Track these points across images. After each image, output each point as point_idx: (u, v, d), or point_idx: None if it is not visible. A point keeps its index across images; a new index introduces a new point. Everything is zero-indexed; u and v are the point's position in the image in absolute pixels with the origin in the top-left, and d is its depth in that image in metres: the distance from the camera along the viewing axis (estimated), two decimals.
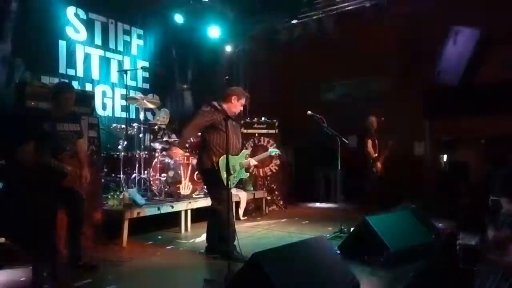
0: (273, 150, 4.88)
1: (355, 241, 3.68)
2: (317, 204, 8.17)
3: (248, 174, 4.30)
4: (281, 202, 7.50)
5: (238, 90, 4.19)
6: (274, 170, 7.47)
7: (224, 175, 3.68)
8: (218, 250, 3.82)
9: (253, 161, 4.24)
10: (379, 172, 6.60)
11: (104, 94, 6.36)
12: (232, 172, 3.84)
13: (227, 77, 7.00)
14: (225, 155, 3.49)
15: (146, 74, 7.05)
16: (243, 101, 4.07)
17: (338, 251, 3.61)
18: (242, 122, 7.50)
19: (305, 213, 6.99)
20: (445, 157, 8.29)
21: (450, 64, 7.53)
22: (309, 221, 6.10)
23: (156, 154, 5.61)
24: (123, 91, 6.21)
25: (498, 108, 6.92)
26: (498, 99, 6.98)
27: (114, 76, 6.49)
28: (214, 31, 7.81)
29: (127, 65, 6.67)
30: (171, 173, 5.46)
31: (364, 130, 6.72)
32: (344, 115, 8.40)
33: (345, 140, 5.22)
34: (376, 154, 6.60)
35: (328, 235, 4.62)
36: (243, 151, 4.16)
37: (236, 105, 3.99)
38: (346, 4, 7.72)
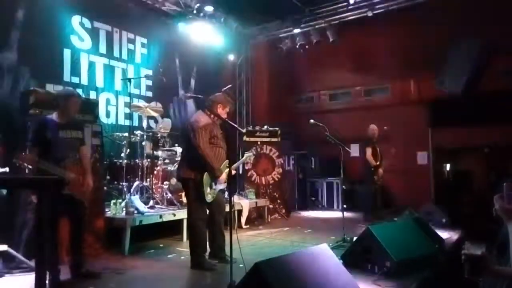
0: (247, 155, 4.92)
1: (358, 250, 3.66)
2: (320, 213, 8.13)
3: (226, 184, 4.04)
4: (283, 211, 7.47)
5: (222, 97, 4.04)
6: (277, 179, 7.46)
7: (207, 190, 3.79)
8: (202, 262, 3.82)
9: (232, 171, 4.01)
10: (381, 180, 6.56)
11: (108, 101, 6.39)
12: (213, 186, 3.88)
13: (229, 85, 7.03)
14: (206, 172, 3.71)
15: (150, 82, 7.09)
16: (228, 108, 3.98)
17: (341, 260, 3.58)
18: (244, 130, 7.52)
19: (307, 222, 6.96)
20: (448, 166, 8.26)
21: (454, 73, 7.55)
22: (311, 229, 6.07)
23: (159, 162, 5.62)
24: (127, 99, 6.24)
25: (502, 117, 6.91)
26: (501, 108, 6.98)
27: (118, 84, 6.53)
28: (217, 40, 7.87)
29: (131, 73, 6.72)
30: (173, 181, 5.46)
31: (366, 138, 6.71)
32: (347, 123, 8.43)
33: (348, 149, 5.22)
34: (378, 163, 6.57)
35: (330, 244, 4.58)
36: (224, 161, 3.97)
37: (221, 113, 3.90)
38: (348, 13, 7.77)
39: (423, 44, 7.84)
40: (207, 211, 3.98)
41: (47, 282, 2.90)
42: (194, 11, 7.32)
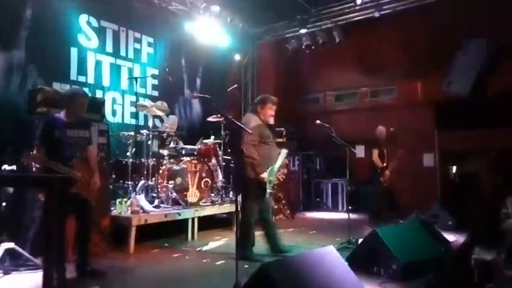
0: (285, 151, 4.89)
1: (364, 252, 3.64)
2: (325, 214, 8.10)
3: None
4: (288, 211, 7.45)
5: (261, 98, 4.36)
6: (282, 179, 7.43)
7: (267, 186, 4.08)
8: (250, 255, 4.03)
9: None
10: (387, 182, 6.52)
11: (114, 100, 6.41)
12: (271, 184, 4.18)
13: (235, 85, 7.04)
14: (269, 168, 4.10)
15: (156, 82, 7.10)
16: (271, 105, 4.28)
17: (347, 262, 3.56)
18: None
19: (312, 223, 6.94)
20: (454, 169, 8.21)
21: (461, 75, 7.49)
22: (316, 231, 6.05)
23: (164, 161, 5.63)
24: (133, 98, 6.26)
25: (509, 120, 6.85)
26: (509, 111, 6.92)
27: (124, 83, 6.55)
28: (223, 40, 7.87)
29: (137, 73, 6.74)
30: (178, 180, 5.47)
31: (373, 140, 6.67)
32: (353, 124, 8.40)
33: (353, 150, 5.19)
34: (384, 164, 6.54)
35: (336, 246, 4.55)
36: (278, 160, 4.32)
37: (266, 113, 4.25)
38: (355, 14, 7.74)
39: (430, 45, 7.79)
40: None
41: (53, 279, 2.92)
42: (201, 11, 7.34)
